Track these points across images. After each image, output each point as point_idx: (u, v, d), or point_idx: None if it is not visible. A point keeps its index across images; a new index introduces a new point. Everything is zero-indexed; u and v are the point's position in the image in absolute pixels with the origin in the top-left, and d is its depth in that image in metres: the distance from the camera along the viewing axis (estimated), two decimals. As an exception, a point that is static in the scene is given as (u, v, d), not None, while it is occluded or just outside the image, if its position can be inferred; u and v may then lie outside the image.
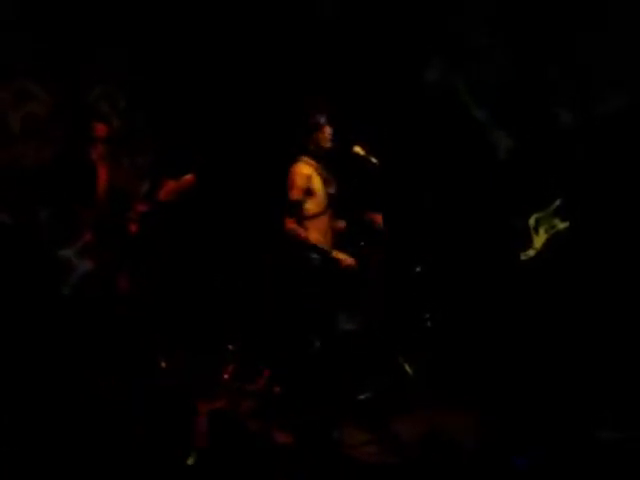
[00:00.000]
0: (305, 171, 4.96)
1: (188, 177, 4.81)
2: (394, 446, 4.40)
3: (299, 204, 4.91)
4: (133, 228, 4.87)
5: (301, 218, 4.90)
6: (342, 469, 4.11)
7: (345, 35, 6.04)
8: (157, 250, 5.40)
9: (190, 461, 3.97)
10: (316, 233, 4.92)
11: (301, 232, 4.88)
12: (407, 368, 5.14)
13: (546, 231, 5.17)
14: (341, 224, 5.13)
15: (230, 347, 5.34)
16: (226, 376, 5.22)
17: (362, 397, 4.89)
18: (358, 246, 5.12)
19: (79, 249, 4.67)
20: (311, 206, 4.94)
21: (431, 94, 6.12)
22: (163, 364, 5.21)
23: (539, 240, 5.17)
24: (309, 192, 4.94)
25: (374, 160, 4.88)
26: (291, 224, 4.88)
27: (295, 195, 4.90)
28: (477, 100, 6.01)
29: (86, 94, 5.89)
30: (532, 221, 5.21)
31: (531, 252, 5.17)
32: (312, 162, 4.99)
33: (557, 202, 5.18)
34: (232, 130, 6.00)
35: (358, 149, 4.95)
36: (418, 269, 5.48)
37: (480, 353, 5.38)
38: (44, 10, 5.65)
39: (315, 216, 4.93)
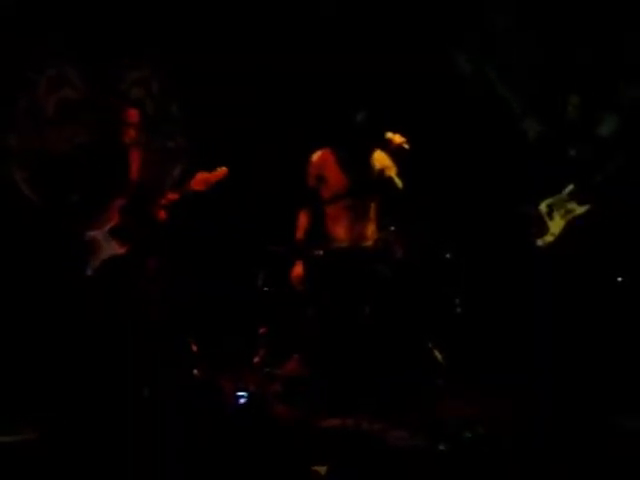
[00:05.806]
0: (317, 158, 5.04)
1: (222, 169, 4.87)
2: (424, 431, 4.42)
3: (313, 191, 5.03)
4: (162, 215, 4.89)
5: (316, 205, 4.99)
6: (372, 454, 4.14)
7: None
8: (185, 238, 5.46)
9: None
10: (336, 220, 4.96)
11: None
12: (437, 355, 5.16)
13: (562, 216, 5.11)
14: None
15: (261, 331, 5.39)
16: (257, 360, 5.27)
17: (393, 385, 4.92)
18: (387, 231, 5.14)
19: (107, 232, 4.71)
20: (325, 192, 5.00)
21: (461, 80, 6.12)
22: (194, 348, 5.25)
23: (556, 225, 5.12)
24: (321, 179, 5.01)
25: (406, 146, 4.89)
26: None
27: (308, 182, 5.07)
28: (507, 86, 6.00)
29: (120, 80, 5.94)
30: (543, 207, 5.15)
31: (549, 238, 5.12)
32: (328, 149, 5.05)
33: (570, 187, 5.12)
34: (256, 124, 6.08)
35: (391, 135, 4.95)
36: (448, 255, 5.49)
37: (508, 339, 5.41)
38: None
39: (331, 202, 4.98)
